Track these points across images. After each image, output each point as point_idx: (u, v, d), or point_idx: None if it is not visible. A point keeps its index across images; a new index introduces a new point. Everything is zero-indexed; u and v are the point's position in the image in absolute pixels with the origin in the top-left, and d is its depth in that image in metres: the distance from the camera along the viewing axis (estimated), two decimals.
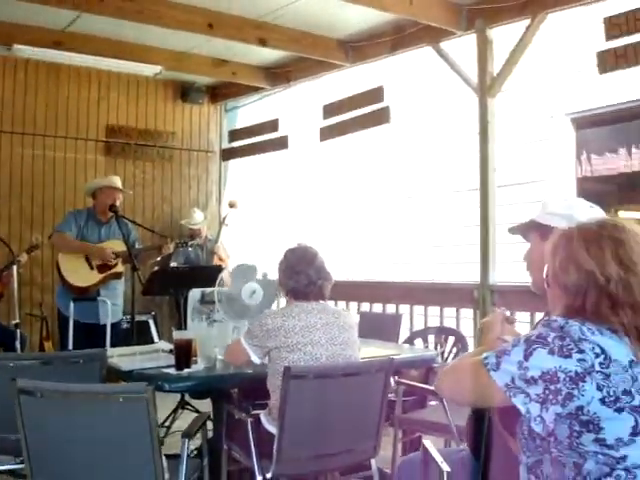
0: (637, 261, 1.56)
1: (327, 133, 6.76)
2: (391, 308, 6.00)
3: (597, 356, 1.46)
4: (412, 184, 8.45)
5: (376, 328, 4.97)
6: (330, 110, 6.71)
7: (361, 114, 6.30)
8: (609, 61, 4.64)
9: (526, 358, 1.51)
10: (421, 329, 5.17)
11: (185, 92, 8.27)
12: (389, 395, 3.71)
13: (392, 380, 3.87)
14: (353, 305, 6.49)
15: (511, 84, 5.84)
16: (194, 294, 3.79)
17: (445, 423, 3.41)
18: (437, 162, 8.11)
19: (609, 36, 4.65)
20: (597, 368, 1.45)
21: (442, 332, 4.81)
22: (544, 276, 1.72)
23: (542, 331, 1.53)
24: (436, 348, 4.67)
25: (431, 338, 4.83)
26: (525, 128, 7.28)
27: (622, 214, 7.18)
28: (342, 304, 6.46)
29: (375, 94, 6.15)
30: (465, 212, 6.91)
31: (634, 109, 6.57)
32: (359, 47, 6.54)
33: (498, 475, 1.96)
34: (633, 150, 6.69)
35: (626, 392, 1.45)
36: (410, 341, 4.92)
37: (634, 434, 1.45)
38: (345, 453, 3.09)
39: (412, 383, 3.85)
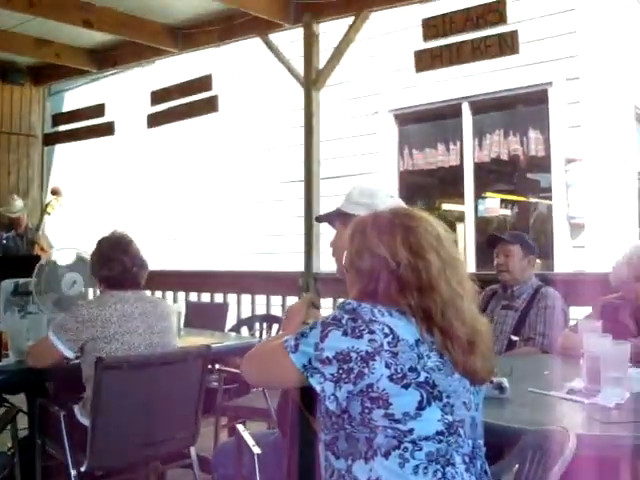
0: (426, 247, 1.66)
1: (155, 120, 6.63)
2: (219, 297, 6.00)
3: (386, 336, 1.55)
4: (243, 174, 8.48)
5: (203, 317, 5.00)
6: (158, 97, 6.57)
7: (189, 102, 6.24)
8: (425, 61, 4.88)
9: (322, 340, 1.57)
10: (247, 317, 5.24)
11: (5, 72, 7.81)
12: (213, 383, 3.74)
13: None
14: (181, 295, 6.43)
15: (337, 79, 6.01)
16: (6, 285, 3.59)
17: (266, 408, 3.48)
18: (266, 152, 8.20)
19: (426, 37, 4.89)
20: (386, 347, 1.54)
21: (267, 320, 4.89)
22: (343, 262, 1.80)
23: (337, 314, 1.61)
24: (261, 335, 4.75)
25: (257, 326, 4.91)
26: (352, 122, 7.52)
27: (445, 206, 7.62)
28: (169, 294, 6.38)
29: (203, 82, 6.10)
30: (292, 203, 7.04)
31: (451, 107, 6.98)
32: (189, 34, 6.46)
33: (305, 454, 2.03)
34: (451, 146, 7.10)
35: (412, 369, 1.54)
36: (236, 329, 4.97)
37: (420, 408, 1.55)
38: (164, 442, 3.07)
39: (232, 370, 3.88)
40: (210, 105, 6.09)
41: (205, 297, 6.14)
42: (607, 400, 2.29)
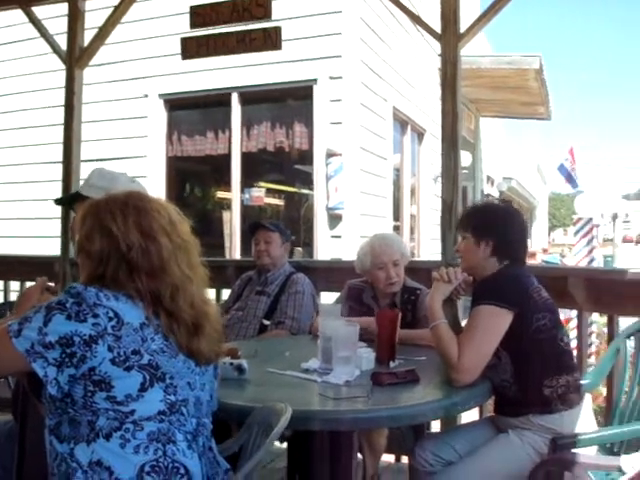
0: (157, 230, 1.70)
1: None
2: None
3: (110, 320, 1.57)
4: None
5: None
6: None
7: None
8: (191, 48, 4.87)
9: (45, 324, 1.56)
10: None
11: None
12: None
13: None
14: None
15: (105, 59, 5.84)
16: None
17: (8, 397, 3.33)
18: (27, 131, 7.78)
19: (193, 25, 4.90)
20: (109, 331, 1.56)
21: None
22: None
23: (62, 298, 1.60)
24: None
25: (9, 314, 4.67)
26: (121, 105, 7.35)
27: (219, 194, 7.68)
28: None
29: None
30: (51, 185, 6.74)
31: (221, 96, 7.06)
32: None
33: (35, 441, 2.00)
34: (219, 135, 7.18)
35: (135, 352, 1.58)
36: None
37: (142, 390, 1.59)
38: None
39: None
40: None
41: None
42: (338, 378, 2.48)
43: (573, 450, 2.48)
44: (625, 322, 3.15)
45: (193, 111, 7.59)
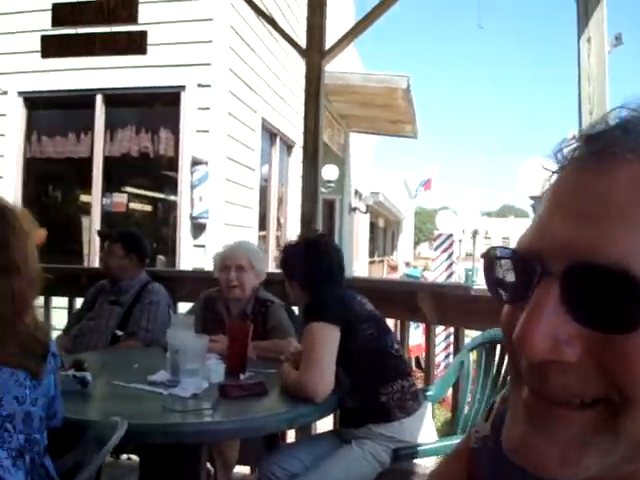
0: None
1: None
2: None
3: None
4: None
5: None
6: None
7: None
8: (53, 47, 4.72)
9: None
10: None
11: None
12: None
13: None
14: None
15: None
16: None
17: None
18: None
19: (55, 23, 4.74)
20: None
21: None
22: None
23: None
24: None
25: None
26: None
27: (80, 199, 7.39)
28: None
29: None
30: None
31: (85, 97, 6.85)
32: None
33: None
34: (82, 137, 6.95)
35: None
36: None
37: None
38: None
39: None
40: None
41: None
42: (184, 391, 2.46)
43: (415, 460, 2.59)
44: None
45: (55, 111, 7.29)
